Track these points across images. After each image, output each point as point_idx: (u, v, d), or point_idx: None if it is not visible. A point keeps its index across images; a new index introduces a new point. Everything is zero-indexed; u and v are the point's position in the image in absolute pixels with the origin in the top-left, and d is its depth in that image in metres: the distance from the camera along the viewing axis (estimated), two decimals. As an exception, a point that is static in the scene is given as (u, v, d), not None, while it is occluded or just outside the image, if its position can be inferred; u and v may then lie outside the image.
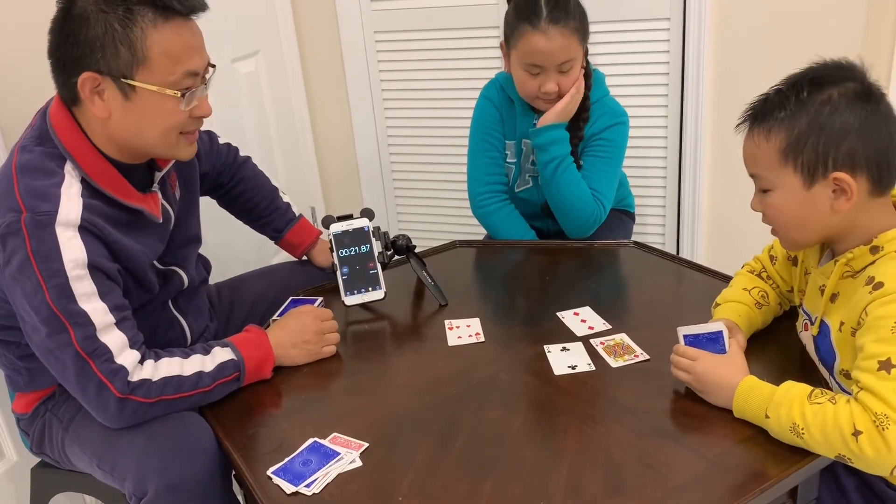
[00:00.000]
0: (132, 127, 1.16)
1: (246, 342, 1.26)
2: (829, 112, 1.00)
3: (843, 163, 1.00)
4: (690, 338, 1.15)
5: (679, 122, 2.24)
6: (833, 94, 1.00)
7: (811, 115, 1.01)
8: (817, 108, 1.00)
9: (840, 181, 1.01)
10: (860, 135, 0.99)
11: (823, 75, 1.02)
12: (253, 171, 1.64)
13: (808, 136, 1.01)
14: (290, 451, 1.09)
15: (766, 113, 1.05)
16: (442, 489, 1.00)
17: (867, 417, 0.92)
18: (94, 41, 1.10)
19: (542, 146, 1.69)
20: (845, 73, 1.02)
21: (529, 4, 1.61)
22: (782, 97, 1.03)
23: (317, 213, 2.71)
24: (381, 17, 2.50)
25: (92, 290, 1.11)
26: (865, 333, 0.99)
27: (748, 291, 1.26)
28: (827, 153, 1.00)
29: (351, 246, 1.48)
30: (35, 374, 1.29)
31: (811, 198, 1.03)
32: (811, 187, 1.03)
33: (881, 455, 0.91)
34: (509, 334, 1.37)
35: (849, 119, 0.99)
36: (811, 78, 1.03)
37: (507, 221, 1.82)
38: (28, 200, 1.10)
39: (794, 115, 1.02)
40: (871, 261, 1.03)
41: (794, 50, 2.03)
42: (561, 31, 1.59)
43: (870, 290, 0.99)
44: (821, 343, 1.12)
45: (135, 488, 1.13)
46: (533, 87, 1.66)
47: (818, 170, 1.01)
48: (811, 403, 0.98)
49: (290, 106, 2.61)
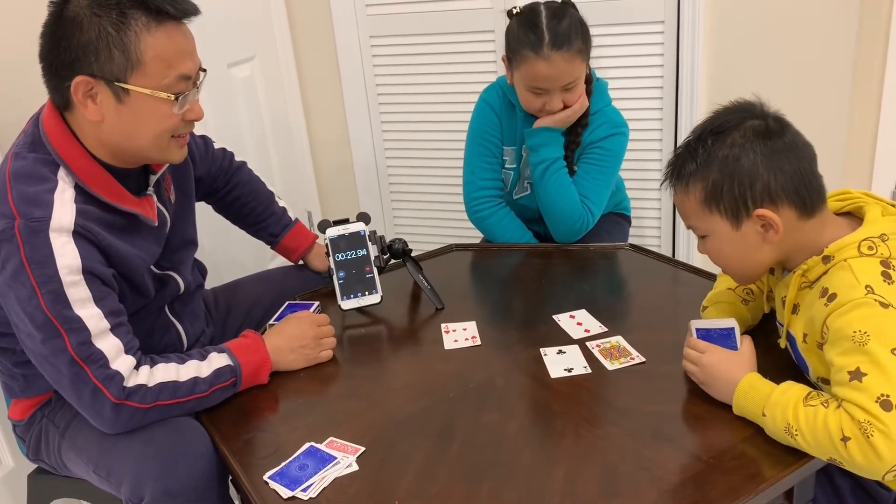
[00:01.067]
0: (125, 130, 1.16)
1: (243, 347, 1.26)
2: (734, 156, 1.04)
3: (761, 199, 1.03)
4: (703, 332, 1.15)
5: (674, 124, 2.25)
6: (735, 139, 1.04)
7: (719, 163, 1.05)
8: (724, 154, 1.04)
9: (763, 217, 1.04)
10: (769, 170, 1.03)
11: (723, 122, 1.06)
12: (248, 175, 1.64)
13: (721, 183, 1.05)
14: (286, 456, 1.09)
15: (680, 168, 1.09)
16: (439, 493, 1.00)
17: (854, 424, 0.93)
18: (88, 45, 1.10)
19: (534, 147, 1.69)
20: (744, 114, 1.06)
21: (531, 28, 1.60)
22: (691, 151, 1.08)
23: (313, 217, 2.71)
24: (376, 21, 2.51)
25: (87, 296, 1.11)
26: (830, 348, 1.00)
27: (733, 290, 1.27)
28: (744, 195, 1.04)
29: (347, 250, 1.49)
30: (31, 381, 1.28)
31: (742, 237, 1.07)
32: (739, 228, 1.06)
33: (870, 461, 0.92)
34: (505, 337, 1.37)
35: (754, 158, 1.03)
36: (712, 128, 1.07)
37: (503, 224, 1.82)
38: (21, 207, 1.10)
39: (704, 166, 1.06)
40: (823, 271, 1.04)
41: (788, 52, 2.05)
42: (563, 56, 1.59)
43: (825, 302, 1.01)
44: (793, 353, 1.14)
45: (131, 494, 1.12)
46: (537, 106, 1.67)
47: (740, 211, 1.05)
48: (806, 406, 0.98)
49: (286, 110, 2.61)
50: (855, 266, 1.00)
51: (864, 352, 0.94)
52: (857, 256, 1.01)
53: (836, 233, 1.05)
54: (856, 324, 0.96)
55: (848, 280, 0.99)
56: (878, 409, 0.91)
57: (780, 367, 1.16)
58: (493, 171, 1.82)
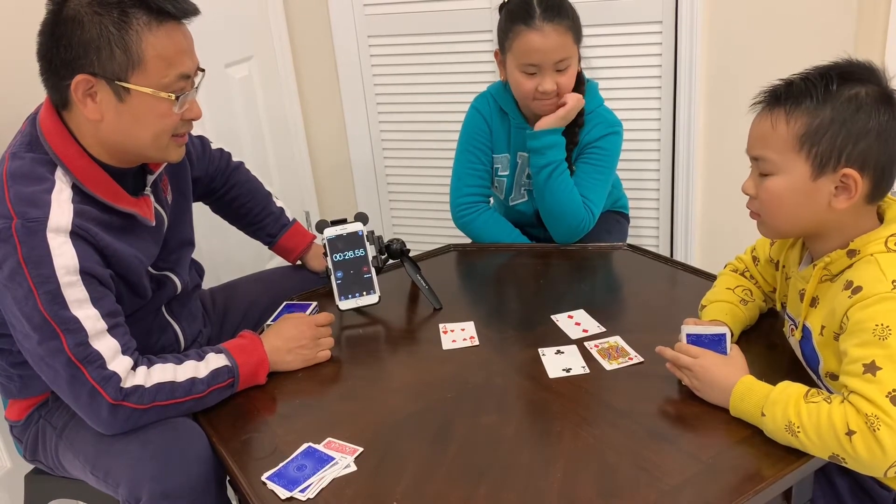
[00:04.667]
0: (124, 129, 1.16)
1: (240, 348, 1.26)
2: (854, 109, 1.00)
3: (855, 160, 1.01)
4: (693, 337, 1.15)
5: (672, 124, 2.25)
6: (860, 93, 1.01)
7: (836, 108, 1.01)
8: (844, 102, 1.01)
9: (848, 177, 1.01)
10: (878, 138, 1.00)
11: (852, 72, 1.03)
12: (246, 176, 1.63)
13: (829, 127, 1.01)
14: (284, 457, 1.09)
15: (791, 97, 1.04)
16: (437, 494, 1.00)
17: (860, 418, 0.93)
18: (89, 43, 1.10)
19: (539, 150, 1.68)
20: (870, 74, 1.03)
21: (522, 6, 1.62)
22: (809, 85, 1.03)
23: (311, 217, 2.71)
24: (374, 21, 2.50)
25: (84, 297, 1.11)
26: (848, 338, 1.00)
27: (732, 290, 1.27)
28: (843, 148, 1.01)
29: (345, 250, 1.48)
30: (28, 381, 1.28)
31: (814, 189, 1.04)
32: (817, 179, 1.03)
33: (875, 456, 0.92)
34: (503, 338, 1.37)
35: (871, 119, 1.00)
36: (840, 72, 1.03)
37: (489, 226, 1.82)
38: (18, 207, 1.10)
39: (819, 104, 1.02)
40: (847, 264, 1.04)
41: (786, 52, 2.05)
42: (556, 29, 1.60)
43: (848, 294, 1.00)
44: (804, 347, 1.13)
45: (128, 494, 1.12)
46: (530, 88, 1.65)
47: (830, 162, 1.01)
48: (807, 402, 0.98)
49: (284, 110, 2.61)
50: (882, 261, 1.00)
51: (883, 346, 0.94)
52: (884, 252, 1.01)
53: (863, 226, 1.04)
54: (879, 317, 0.96)
55: (874, 274, 0.99)
56: (887, 403, 0.91)
57: (777, 368, 1.17)
58: (479, 177, 1.83)
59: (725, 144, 2.22)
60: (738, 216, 1.20)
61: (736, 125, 2.17)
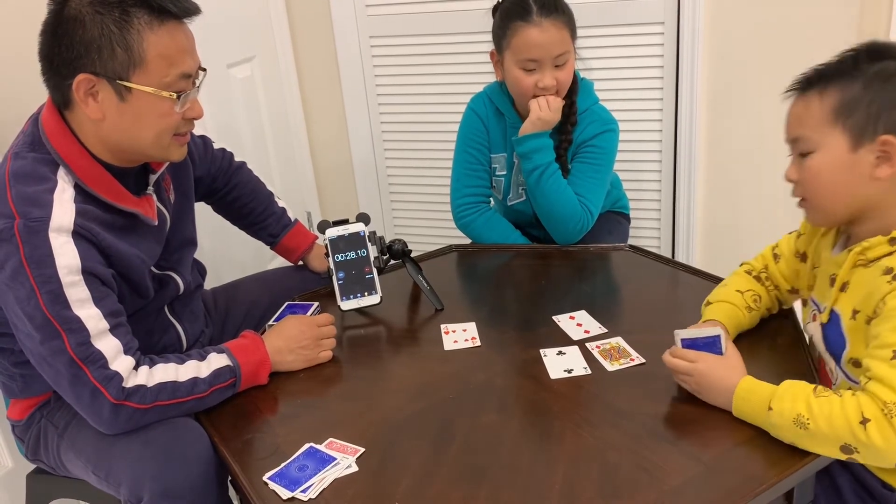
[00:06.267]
0: (126, 129, 1.16)
1: (242, 348, 1.26)
2: (884, 79, 1.02)
3: (892, 127, 1.01)
4: (688, 342, 1.15)
5: (674, 125, 2.25)
6: (890, 66, 1.02)
7: (867, 80, 1.02)
8: (874, 74, 1.02)
9: (888, 144, 1.01)
10: None
11: (879, 49, 1.04)
12: (248, 176, 1.64)
13: (862, 98, 1.02)
14: (286, 457, 1.09)
15: (822, 77, 1.06)
16: (438, 494, 1.00)
17: (876, 406, 0.93)
18: (90, 43, 1.10)
19: (526, 154, 1.69)
20: None
21: (519, 4, 1.63)
22: (839, 64, 1.05)
23: (312, 217, 2.71)
24: (375, 22, 2.51)
25: (86, 296, 1.11)
26: (883, 322, 0.99)
27: (741, 294, 1.26)
28: (879, 116, 1.01)
29: (347, 251, 1.48)
30: (30, 381, 1.28)
31: (854, 161, 1.04)
32: (857, 150, 1.03)
33: (890, 443, 0.92)
34: (505, 338, 1.37)
35: None
36: (868, 50, 1.04)
37: (489, 226, 1.82)
38: (20, 207, 1.10)
39: (850, 76, 1.03)
40: (888, 252, 1.04)
41: (788, 53, 2.05)
42: (553, 23, 1.61)
43: (889, 279, 1.00)
44: (830, 332, 1.12)
45: (130, 494, 1.12)
46: (530, 84, 1.65)
47: (867, 132, 1.02)
48: (817, 396, 0.98)
49: (286, 111, 2.61)
50: None
51: None
52: None
53: None
54: None
55: None
56: None
57: (777, 369, 1.17)
58: (478, 177, 1.83)
59: (727, 145, 2.21)
60: (740, 217, 1.20)
61: (737, 126, 2.18)
